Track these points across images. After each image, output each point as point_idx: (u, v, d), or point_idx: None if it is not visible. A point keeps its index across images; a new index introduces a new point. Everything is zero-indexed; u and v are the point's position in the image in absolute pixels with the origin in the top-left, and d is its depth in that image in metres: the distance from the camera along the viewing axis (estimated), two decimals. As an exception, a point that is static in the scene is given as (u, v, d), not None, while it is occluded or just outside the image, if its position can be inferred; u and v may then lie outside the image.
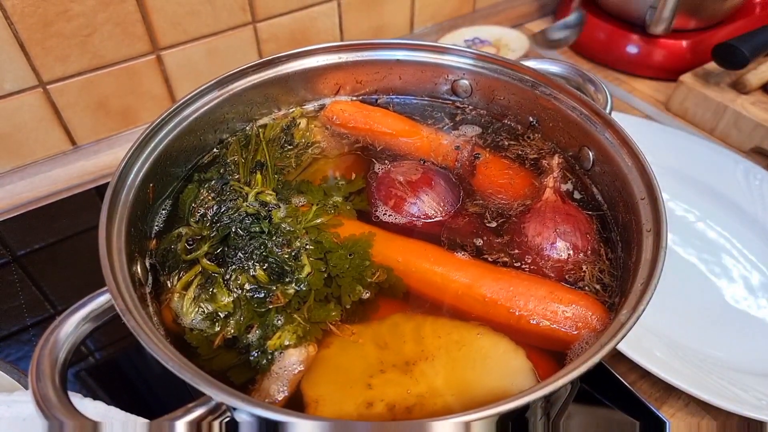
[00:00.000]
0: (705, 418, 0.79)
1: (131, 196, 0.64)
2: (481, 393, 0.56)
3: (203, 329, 0.60)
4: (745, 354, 0.84)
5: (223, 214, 0.68)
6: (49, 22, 0.97)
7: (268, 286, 0.62)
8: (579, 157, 0.75)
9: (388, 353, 0.59)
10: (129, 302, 0.53)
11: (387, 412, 0.54)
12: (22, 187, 1.09)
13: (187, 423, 0.46)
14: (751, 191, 1.05)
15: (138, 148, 0.67)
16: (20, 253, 1.00)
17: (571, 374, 0.47)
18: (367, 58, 0.85)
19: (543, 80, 0.77)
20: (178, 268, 0.64)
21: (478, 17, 1.56)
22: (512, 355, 0.58)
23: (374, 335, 0.60)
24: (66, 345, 0.50)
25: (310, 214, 0.70)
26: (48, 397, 0.46)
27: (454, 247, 0.68)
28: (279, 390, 0.56)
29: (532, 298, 0.61)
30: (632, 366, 0.79)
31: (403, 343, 0.60)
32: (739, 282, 0.95)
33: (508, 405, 0.45)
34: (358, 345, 0.59)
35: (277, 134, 0.82)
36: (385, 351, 0.59)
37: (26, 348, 0.86)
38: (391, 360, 0.58)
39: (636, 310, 0.51)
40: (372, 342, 0.60)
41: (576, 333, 0.59)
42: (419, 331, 0.60)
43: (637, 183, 0.64)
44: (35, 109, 1.05)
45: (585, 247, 0.66)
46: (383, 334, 0.60)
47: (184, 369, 0.47)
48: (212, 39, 1.16)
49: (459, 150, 0.81)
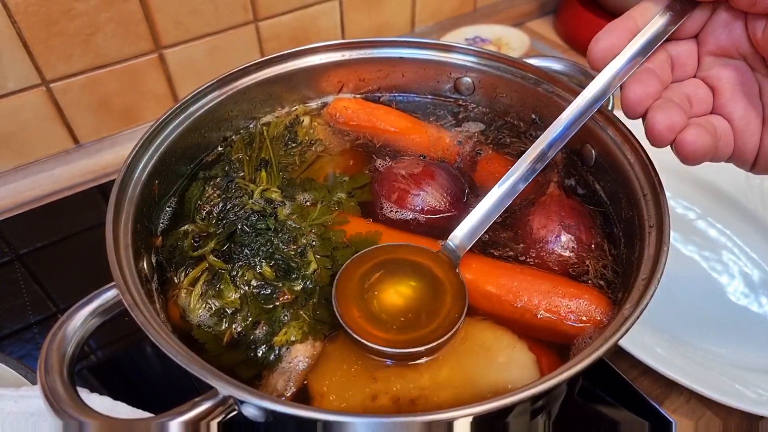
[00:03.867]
0: (706, 415, 0.79)
1: (137, 192, 0.65)
2: (484, 386, 0.56)
3: (210, 325, 0.60)
4: (746, 350, 0.85)
5: (229, 211, 0.68)
6: (53, 21, 0.98)
7: (275, 283, 0.63)
8: (581, 154, 0.76)
9: (393, 348, 0.59)
10: (136, 297, 0.53)
11: (392, 405, 0.54)
12: (25, 186, 1.10)
13: (194, 417, 0.46)
14: (751, 189, 1.05)
15: (143, 145, 0.67)
16: (23, 251, 1.01)
17: (576, 367, 0.47)
18: (370, 55, 0.85)
19: (545, 78, 0.78)
20: (184, 265, 0.65)
21: (479, 16, 1.56)
22: (515, 348, 0.59)
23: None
24: (74, 340, 0.50)
25: (316, 212, 0.70)
26: (56, 392, 0.46)
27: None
28: (286, 385, 0.56)
29: (536, 292, 0.62)
30: (634, 362, 0.79)
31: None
32: (740, 279, 0.95)
33: (512, 398, 0.45)
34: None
35: (281, 132, 0.82)
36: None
37: (29, 346, 0.86)
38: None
39: (639, 305, 0.52)
40: (377, 337, 0.60)
41: (580, 326, 0.60)
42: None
43: (639, 179, 0.65)
44: (38, 107, 1.05)
45: (589, 241, 0.66)
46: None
47: (193, 362, 0.47)
48: (214, 38, 1.17)
49: (461, 145, 0.81)
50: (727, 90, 0.56)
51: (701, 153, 0.53)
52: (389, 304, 0.60)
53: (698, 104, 0.57)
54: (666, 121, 0.53)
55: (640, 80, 0.56)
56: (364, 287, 0.61)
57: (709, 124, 0.55)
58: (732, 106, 0.56)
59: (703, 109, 0.57)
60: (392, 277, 0.62)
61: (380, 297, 0.60)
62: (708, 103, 0.57)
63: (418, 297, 0.61)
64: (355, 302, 0.60)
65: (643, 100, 0.55)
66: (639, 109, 0.55)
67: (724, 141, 0.55)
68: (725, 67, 0.56)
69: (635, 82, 0.56)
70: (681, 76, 0.59)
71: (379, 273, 0.62)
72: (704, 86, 0.57)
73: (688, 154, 0.54)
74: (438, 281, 0.62)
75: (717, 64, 0.57)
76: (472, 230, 0.64)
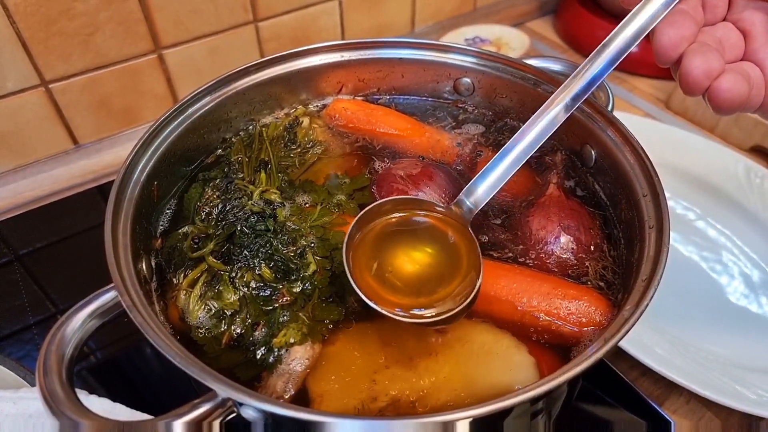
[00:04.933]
0: (707, 416, 0.79)
1: (136, 193, 0.64)
2: (484, 388, 0.56)
3: (209, 327, 0.60)
4: (746, 351, 0.85)
5: (228, 213, 0.68)
6: (52, 21, 0.98)
7: (274, 284, 0.62)
8: (581, 155, 0.75)
9: (393, 349, 0.59)
10: (135, 299, 0.53)
11: (391, 407, 0.54)
12: (24, 186, 1.10)
13: (193, 419, 0.46)
14: (751, 189, 1.05)
15: (142, 145, 0.67)
16: (22, 252, 1.00)
17: (575, 369, 0.47)
18: (369, 56, 0.85)
19: (545, 78, 0.78)
20: (184, 266, 0.64)
21: (479, 16, 1.56)
22: (515, 350, 0.59)
23: (379, 332, 0.61)
24: (73, 341, 0.50)
25: (315, 214, 0.70)
26: (55, 393, 0.46)
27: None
28: (285, 387, 0.56)
29: (535, 294, 0.62)
30: (633, 363, 0.79)
31: (407, 340, 0.60)
32: (740, 279, 0.95)
33: (511, 400, 0.45)
34: (362, 341, 0.60)
35: (281, 133, 0.82)
36: (389, 347, 0.59)
37: (28, 347, 0.86)
38: (396, 356, 0.58)
39: (639, 306, 0.52)
40: (376, 338, 0.60)
41: (580, 328, 0.60)
42: (423, 328, 0.61)
43: (639, 180, 0.64)
44: (37, 108, 1.05)
45: (589, 242, 0.66)
46: (387, 330, 0.60)
47: (192, 364, 0.47)
48: (214, 38, 1.16)
49: (460, 147, 0.81)
50: (760, 35, 0.53)
51: (737, 102, 0.50)
52: (404, 272, 0.59)
53: (730, 49, 0.53)
54: (703, 66, 0.49)
55: (674, 23, 0.52)
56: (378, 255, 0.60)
57: (743, 70, 0.51)
58: (765, 52, 0.52)
59: (734, 54, 0.53)
60: (404, 242, 0.61)
61: (395, 266, 0.59)
62: (740, 48, 0.53)
63: (433, 263, 0.60)
64: (370, 274, 0.58)
65: (677, 45, 0.51)
66: (673, 54, 0.52)
67: (756, 90, 0.52)
68: (758, 10, 0.53)
69: (669, 25, 0.52)
70: (711, 19, 0.55)
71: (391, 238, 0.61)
72: (735, 30, 0.54)
73: (723, 103, 0.50)
74: (451, 242, 0.60)
75: (749, 6, 0.54)
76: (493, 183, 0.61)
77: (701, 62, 0.50)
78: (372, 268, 0.59)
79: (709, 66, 0.49)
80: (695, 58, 0.50)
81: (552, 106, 0.60)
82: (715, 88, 0.50)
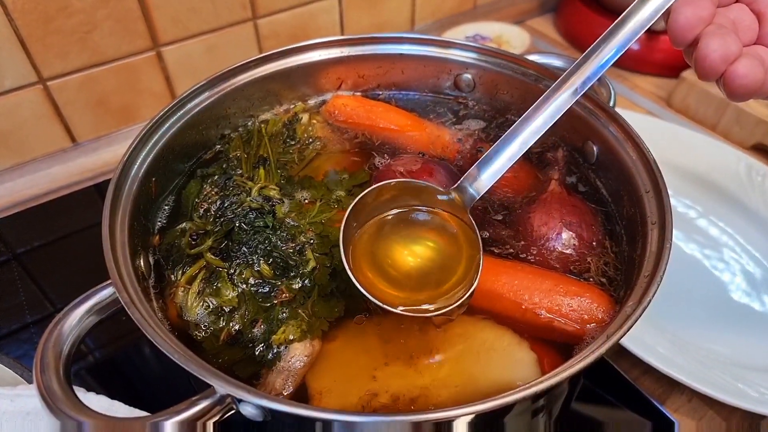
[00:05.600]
0: (708, 414, 0.79)
1: (134, 189, 0.64)
2: (485, 385, 0.56)
3: (208, 324, 0.60)
4: (748, 349, 0.84)
5: (226, 209, 0.67)
6: (50, 19, 0.97)
7: (273, 281, 0.62)
8: (583, 151, 0.75)
9: (393, 346, 0.59)
10: (133, 295, 0.53)
11: (391, 404, 0.54)
12: (22, 185, 1.09)
13: (192, 416, 0.46)
14: (753, 187, 1.05)
15: (141, 141, 0.67)
16: (20, 250, 1.00)
17: (576, 366, 0.47)
18: (369, 52, 0.84)
19: (546, 74, 0.77)
20: (182, 263, 0.64)
21: (479, 14, 1.56)
22: (516, 347, 0.58)
23: (379, 329, 0.60)
24: (70, 338, 0.50)
25: (315, 211, 0.69)
26: (53, 390, 0.46)
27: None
28: (284, 384, 0.56)
29: (537, 290, 0.61)
30: (635, 362, 0.79)
31: (408, 337, 0.59)
32: (742, 277, 0.95)
33: (512, 397, 0.44)
34: (362, 339, 0.59)
35: (279, 129, 0.82)
36: (389, 344, 0.59)
37: (26, 346, 0.85)
38: (396, 353, 0.58)
39: (642, 302, 0.51)
40: (376, 336, 0.59)
41: (582, 325, 0.59)
42: (423, 324, 0.60)
43: (641, 176, 0.64)
44: (35, 106, 1.04)
45: (590, 239, 0.66)
46: (388, 327, 0.60)
47: (190, 361, 0.46)
48: (212, 36, 1.16)
49: (461, 143, 0.81)
50: None
51: (752, 88, 0.48)
52: (404, 266, 0.58)
53: (743, 32, 0.51)
54: (721, 50, 0.47)
55: (692, 2, 0.49)
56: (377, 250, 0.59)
57: (758, 55, 0.49)
58: None
59: (748, 37, 0.51)
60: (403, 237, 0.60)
61: (395, 260, 0.58)
62: (754, 31, 0.51)
63: (434, 255, 0.59)
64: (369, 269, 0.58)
65: (695, 25, 0.49)
66: (689, 36, 0.49)
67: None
68: None
69: (686, 3, 0.50)
70: (725, 0, 0.52)
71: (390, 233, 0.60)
72: (749, 13, 0.52)
73: (738, 89, 0.48)
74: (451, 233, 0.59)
75: None
76: (498, 168, 0.60)
77: (719, 45, 0.48)
78: (371, 263, 0.58)
79: (727, 50, 0.47)
80: (713, 41, 0.48)
81: (561, 91, 0.59)
82: (731, 73, 0.48)
